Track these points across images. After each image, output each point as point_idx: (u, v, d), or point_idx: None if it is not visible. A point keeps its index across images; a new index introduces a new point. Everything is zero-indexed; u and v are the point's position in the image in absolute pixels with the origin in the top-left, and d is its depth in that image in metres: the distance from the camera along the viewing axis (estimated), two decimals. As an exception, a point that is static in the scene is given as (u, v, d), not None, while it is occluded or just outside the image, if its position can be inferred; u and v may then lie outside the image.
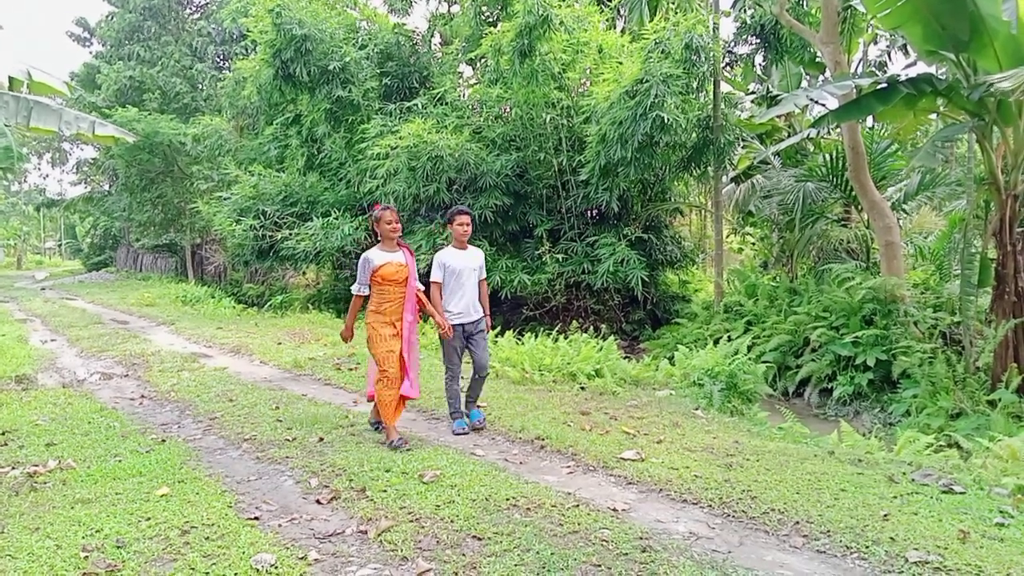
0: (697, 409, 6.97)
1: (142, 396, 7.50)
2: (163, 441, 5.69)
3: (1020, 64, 6.95)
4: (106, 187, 32.34)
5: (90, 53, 31.10)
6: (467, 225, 5.87)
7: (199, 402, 7.10)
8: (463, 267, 5.82)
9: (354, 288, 5.52)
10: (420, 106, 13.78)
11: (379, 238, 5.60)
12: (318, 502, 4.31)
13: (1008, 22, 7.10)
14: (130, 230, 30.74)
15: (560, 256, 12.40)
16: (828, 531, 3.88)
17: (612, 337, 10.03)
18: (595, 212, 13.65)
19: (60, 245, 60.23)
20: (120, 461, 5.08)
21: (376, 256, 5.49)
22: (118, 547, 3.61)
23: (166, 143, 21.88)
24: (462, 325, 5.83)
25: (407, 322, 5.57)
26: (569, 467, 5.08)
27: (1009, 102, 7.37)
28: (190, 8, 29.24)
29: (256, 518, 4.06)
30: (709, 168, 13.06)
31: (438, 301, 5.77)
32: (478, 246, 12.30)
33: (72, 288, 25.84)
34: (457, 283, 5.80)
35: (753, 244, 16.08)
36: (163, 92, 25.09)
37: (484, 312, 6.01)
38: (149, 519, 3.97)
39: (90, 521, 3.92)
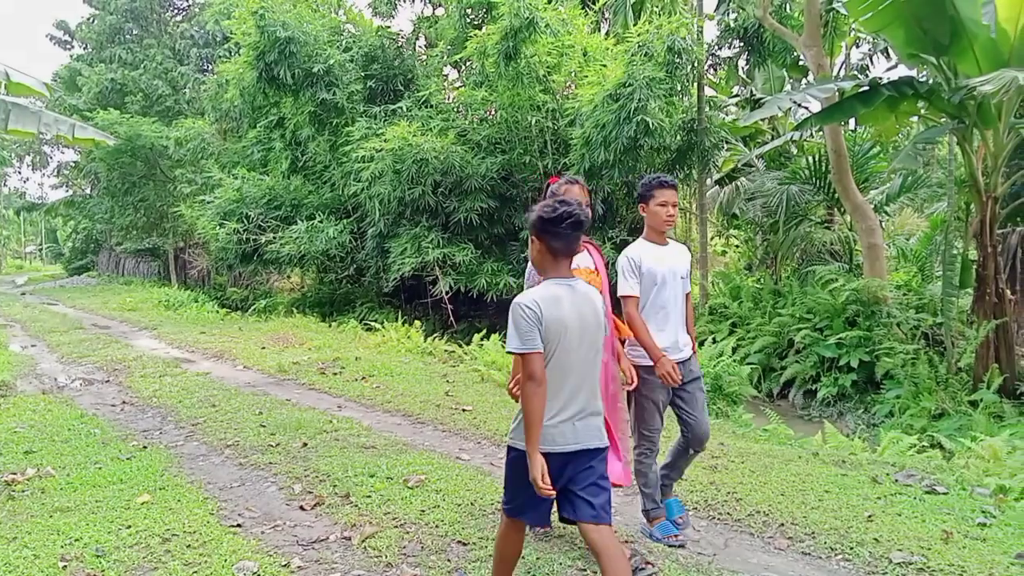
0: (682, 411, 6.97)
1: (123, 402, 7.41)
2: (144, 448, 5.62)
3: (1000, 67, 7.02)
4: (88, 190, 31.99)
5: (70, 56, 30.77)
6: (674, 206, 3.77)
7: (181, 408, 7.02)
8: (667, 271, 3.73)
9: None
10: (405, 109, 13.73)
11: None
12: (301, 508, 4.27)
13: (987, 26, 7.18)
14: (112, 234, 30.42)
15: (546, 259, 12.38)
16: (813, 533, 3.89)
17: (598, 340, 10.01)
18: (580, 215, 13.64)
19: (41, 249, 59.54)
20: (100, 468, 5.01)
21: None
22: (97, 556, 3.56)
23: (148, 146, 21.66)
24: None
25: (603, 364, 3.31)
26: (555, 471, 5.06)
27: (989, 105, 7.45)
28: (172, 10, 29.02)
29: (238, 525, 4.02)
30: (693, 171, 13.10)
31: (642, 325, 3.65)
32: (462, 249, 12.36)
33: (53, 293, 25.54)
34: (659, 297, 3.72)
35: (737, 246, 16.16)
36: (145, 95, 24.83)
37: (692, 341, 3.90)
38: (129, 527, 3.91)
39: (69, 530, 3.86)
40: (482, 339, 10.36)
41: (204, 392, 7.72)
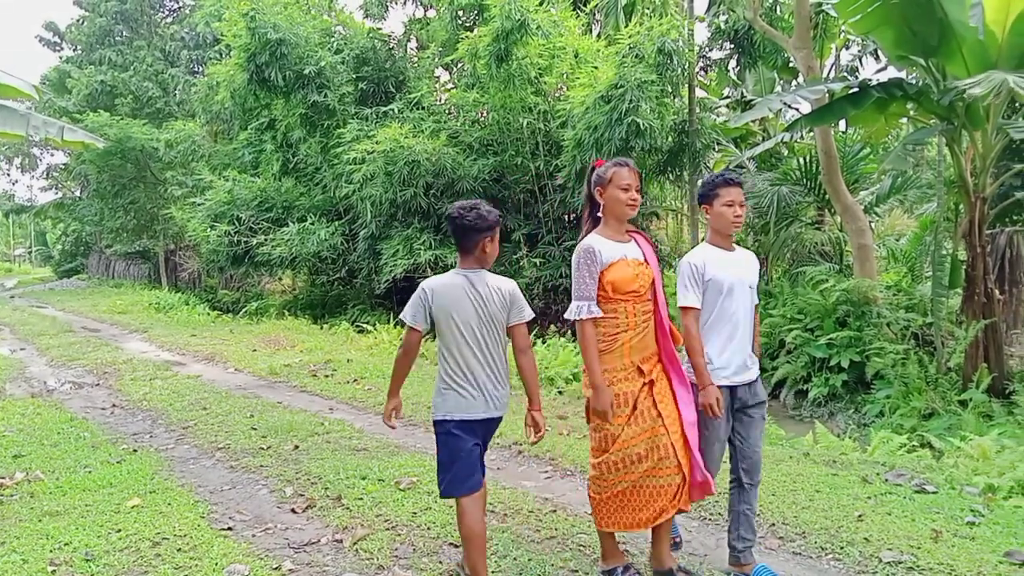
0: (674, 412, 6.98)
1: (113, 405, 7.38)
2: (135, 451, 5.60)
3: (988, 69, 7.06)
4: (77, 193, 31.85)
5: (60, 57, 30.64)
6: (741, 205, 3.35)
7: (172, 411, 7.00)
8: (735, 279, 3.30)
9: (576, 310, 3.12)
10: (396, 111, 13.72)
11: (595, 214, 3.29)
12: (293, 511, 4.26)
13: (975, 28, 7.22)
14: (102, 236, 30.29)
15: (538, 260, 12.41)
16: (803, 532, 3.91)
17: (590, 341, 10.02)
18: (572, 216, 13.68)
19: (30, 252, 59.18)
20: (90, 472, 4.99)
21: (604, 247, 3.15)
22: (87, 560, 3.54)
23: (138, 148, 21.59)
24: (732, 388, 3.28)
25: (671, 365, 3.25)
26: (547, 472, 5.07)
27: (978, 106, 7.49)
28: (163, 12, 28.92)
29: (229, 528, 4.00)
30: (685, 172, 13.14)
31: (697, 343, 3.21)
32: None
33: (42, 296, 25.41)
34: (725, 308, 3.28)
35: (729, 247, 16.18)
36: (135, 97, 24.76)
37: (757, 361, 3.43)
38: (119, 531, 3.89)
39: (58, 534, 3.84)
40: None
41: (195, 395, 7.69)
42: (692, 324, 3.22)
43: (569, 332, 11.72)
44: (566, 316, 3.22)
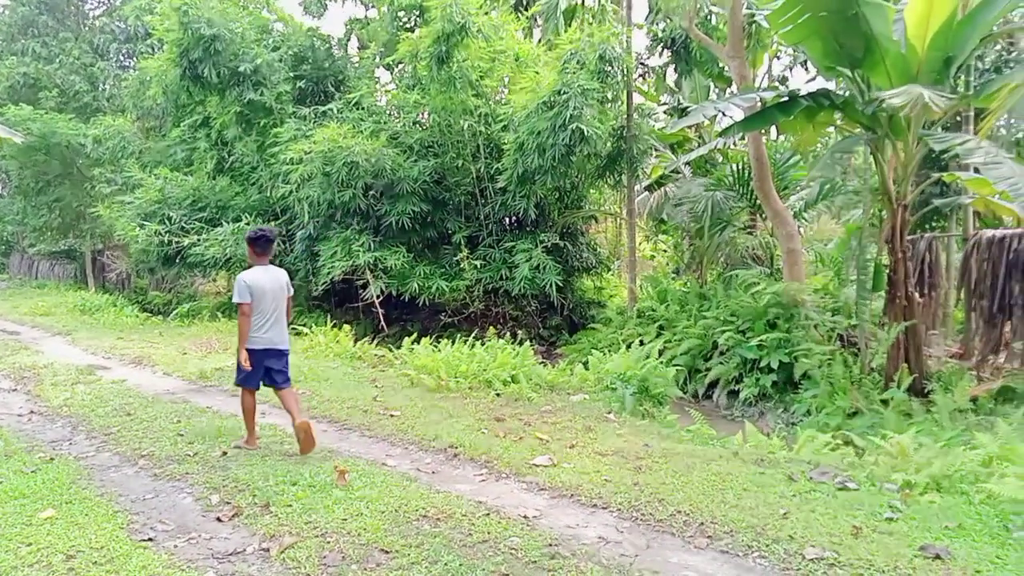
0: (610, 413, 7.07)
1: (31, 412, 7.05)
2: (51, 459, 5.35)
3: (909, 81, 7.36)
4: (-3, 190, 30.40)
5: (-21, 47, 29.19)
6: None
7: (94, 417, 6.72)
8: None
9: None
10: (335, 110, 13.50)
11: None
12: (219, 519, 4.14)
13: (898, 41, 7.52)
14: (24, 235, 28.96)
15: (478, 263, 12.37)
16: (731, 531, 3.98)
17: (528, 343, 10.06)
18: (513, 219, 13.71)
19: (-54, 251, 56.24)
20: (1, 483, 4.74)
21: None
22: (-7, 576, 3.37)
23: (64, 144, 20.68)
24: None
25: None
26: (482, 475, 5.05)
27: (899, 117, 7.79)
28: (91, 3, 27.85)
29: (150, 539, 3.87)
30: (623, 177, 13.32)
31: None
32: (394, 253, 12.23)
33: (-42, 297, 24.14)
34: None
35: (665, 251, 16.48)
36: (61, 90, 23.71)
37: None
38: (30, 545, 3.72)
39: (-37, 549, 3.64)
40: (413, 343, 10.25)
41: (119, 400, 7.41)
42: None
43: (509, 334, 11.73)
44: None
